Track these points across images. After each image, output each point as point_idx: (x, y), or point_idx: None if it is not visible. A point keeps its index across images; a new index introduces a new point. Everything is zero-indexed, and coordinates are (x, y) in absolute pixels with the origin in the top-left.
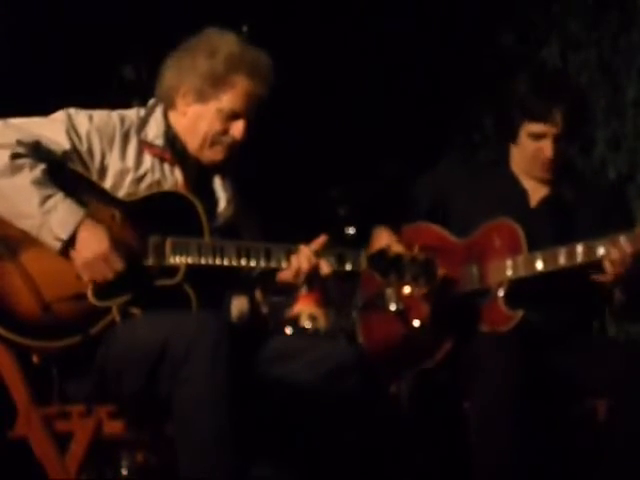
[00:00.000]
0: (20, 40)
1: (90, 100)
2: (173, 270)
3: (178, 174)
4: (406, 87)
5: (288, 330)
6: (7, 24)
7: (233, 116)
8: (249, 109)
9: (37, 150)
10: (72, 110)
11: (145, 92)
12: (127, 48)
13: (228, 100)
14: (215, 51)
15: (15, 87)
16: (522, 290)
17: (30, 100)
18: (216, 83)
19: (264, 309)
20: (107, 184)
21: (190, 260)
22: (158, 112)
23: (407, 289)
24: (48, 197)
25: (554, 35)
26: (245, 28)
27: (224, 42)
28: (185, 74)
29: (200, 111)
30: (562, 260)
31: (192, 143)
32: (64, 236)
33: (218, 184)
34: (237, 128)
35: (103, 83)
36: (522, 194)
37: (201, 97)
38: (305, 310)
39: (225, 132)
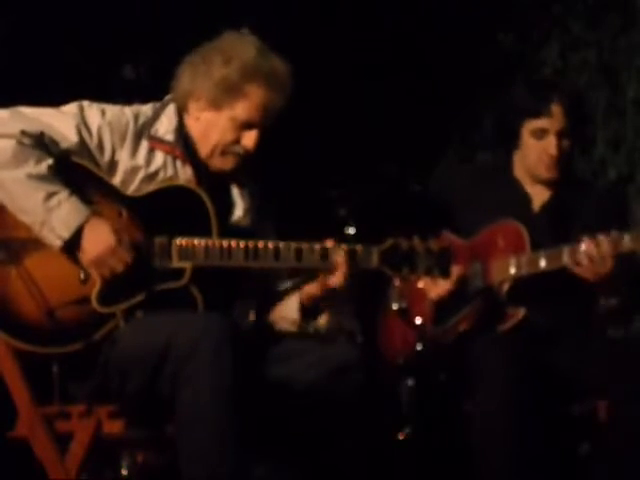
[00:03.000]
0: (20, 40)
1: (90, 100)
2: (179, 272)
3: (189, 172)
4: (406, 87)
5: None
6: (7, 23)
7: (246, 126)
8: (263, 119)
9: (43, 142)
10: (85, 103)
11: (145, 92)
12: (127, 48)
13: (242, 110)
14: (230, 58)
15: (15, 87)
16: (524, 288)
17: (30, 100)
18: (230, 92)
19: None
20: (116, 180)
21: (196, 262)
22: (171, 108)
23: (421, 283)
24: (53, 194)
25: (554, 35)
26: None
27: (240, 49)
28: (199, 80)
29: (213, 118)
30: (565, 258)
31: (203, 149)
32: (66, 235)
33: (235, 190)
34: (249, 138)
35: (103, 83)
36: (524, 200)
37: (214, 105)
38: None
39: (237, 142)
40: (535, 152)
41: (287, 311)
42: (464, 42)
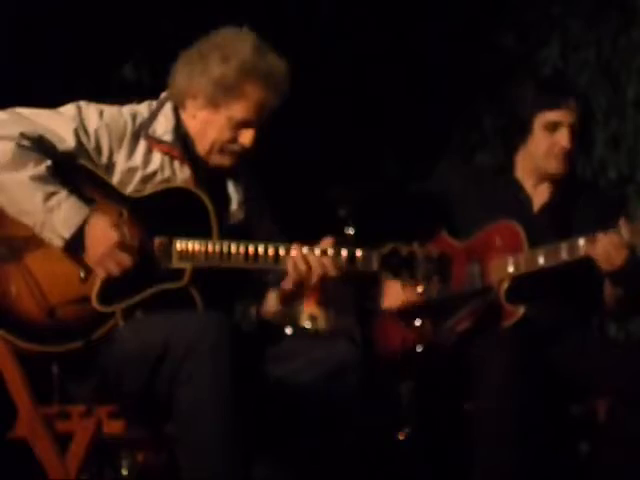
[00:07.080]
0: (20, 39)
1: (90, 100)
2: (179, 272)
3: (187, 172)
4: (406, 88)
5: (288, 330)
6: (7, 23)
7: (243, 124)
8: (260, 118)
9: (42, 144)
10: (83, 104)
11: (145, 92)
12: (127, 48)
13: (239, 109)
14: (228, 57)
15: (15, 87)
16: (523, 287)
17: (30, 100)
18: (228, 91)
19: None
20: (114, 181)
21: (196, 262)
22: (168, 107)
23: (420, 288)
24: (52, 194)
25: (554, 35)
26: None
27: (238, 47)
28: (196, 77)
29: (210, 117)
30: (564, 255)
31: (200, 146)
32: (67, 235)
33: (231, 185)
34: (247, 136)
35: (103, 83)
36: (524, 200)
37: (212, 103)
38: (305, 310)
39: (234, 140)
40: (546, 146)
41: (270, 301)
42: (464, 42)
